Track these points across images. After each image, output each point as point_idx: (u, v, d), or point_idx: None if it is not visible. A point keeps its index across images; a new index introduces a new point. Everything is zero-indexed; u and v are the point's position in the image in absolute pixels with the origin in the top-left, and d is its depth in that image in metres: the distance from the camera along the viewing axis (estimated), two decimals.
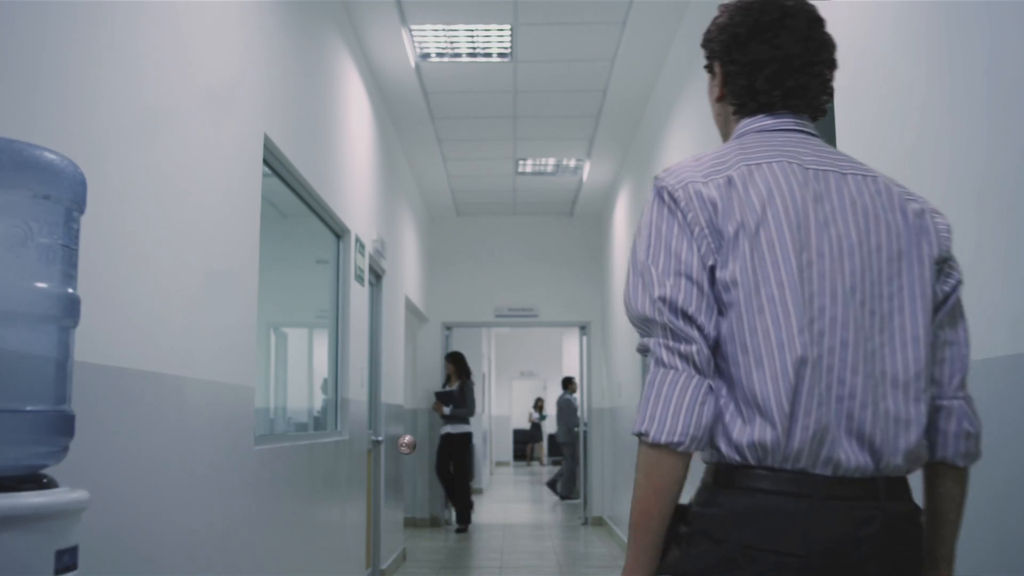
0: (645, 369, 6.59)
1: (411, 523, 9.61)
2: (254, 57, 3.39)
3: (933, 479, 1.46)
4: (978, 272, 1.96)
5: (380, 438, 6.49)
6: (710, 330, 1.35)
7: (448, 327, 10.27)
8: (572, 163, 8.20)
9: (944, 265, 1.45)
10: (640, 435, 1.32)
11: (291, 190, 4.13)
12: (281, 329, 6.22)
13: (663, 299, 1.34)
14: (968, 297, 1.50)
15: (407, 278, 8.11)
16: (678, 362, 1.33)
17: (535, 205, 9.69)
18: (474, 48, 5.71)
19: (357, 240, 5.42)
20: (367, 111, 5.88)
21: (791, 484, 1.30)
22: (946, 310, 1.45)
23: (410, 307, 8.53)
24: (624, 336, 8.08)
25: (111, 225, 2.19)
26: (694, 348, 1.33)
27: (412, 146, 7.62)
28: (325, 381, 5.30)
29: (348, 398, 5.13)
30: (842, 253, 1.36)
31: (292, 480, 3.86)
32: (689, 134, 5.29)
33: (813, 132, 1.50)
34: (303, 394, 5.89)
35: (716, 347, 1.36)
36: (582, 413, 10.45)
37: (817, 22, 1.50)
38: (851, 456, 1.31)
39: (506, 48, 5.70)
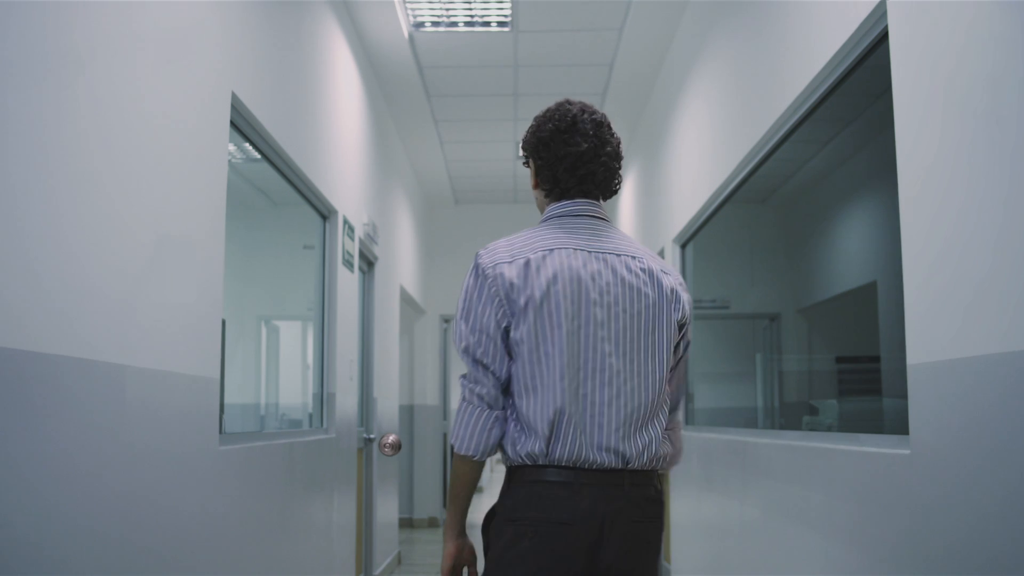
0: None
1: (407, 524, 9.23)
2: (222, 6, 2.98)
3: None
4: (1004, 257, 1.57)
5: (372, 436, 6.09)
6: (501, 373, 1.89)
7: (447, 320, 9.87)
8: None
9: (683, 328, 2.01)
10: (453, 447, 1.92)
11: (265, 159, 3.72)
12: (272, 322, 5.86)
13: (466, 349, 1.89)
14: (992, 287, 1.54)
15: (402, 267, 7.70)
16: (475, 399, 1.89)
17: None
18: (472, 16, 5.30)
19: (345, 222, 5.02)
20: (356, 84, 5.47)
21: (557, 476, 1.85)
22: (678, 358, 2.04)
23: (406, 298, 8.12)
24: None
25: (27, 177, 1.79)
26: (484, 389, 1.88)
27: (407, 127, 7.20)
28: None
29: (335, 393, 4.73)
30: (609, 319, 1.89)
31: (267, 483, 3.46)
32: (703, 107, 4.88)
33: (602, 216, 2.01)
34: (297, 390, 5.51)
35: (509, 383, 1.91)
36: None
37: (599, 125, 2.00)
38: (603, 459, 1.86)
39: (506, 16, 5.29)
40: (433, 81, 6.24)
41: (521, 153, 2.12)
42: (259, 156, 3.66)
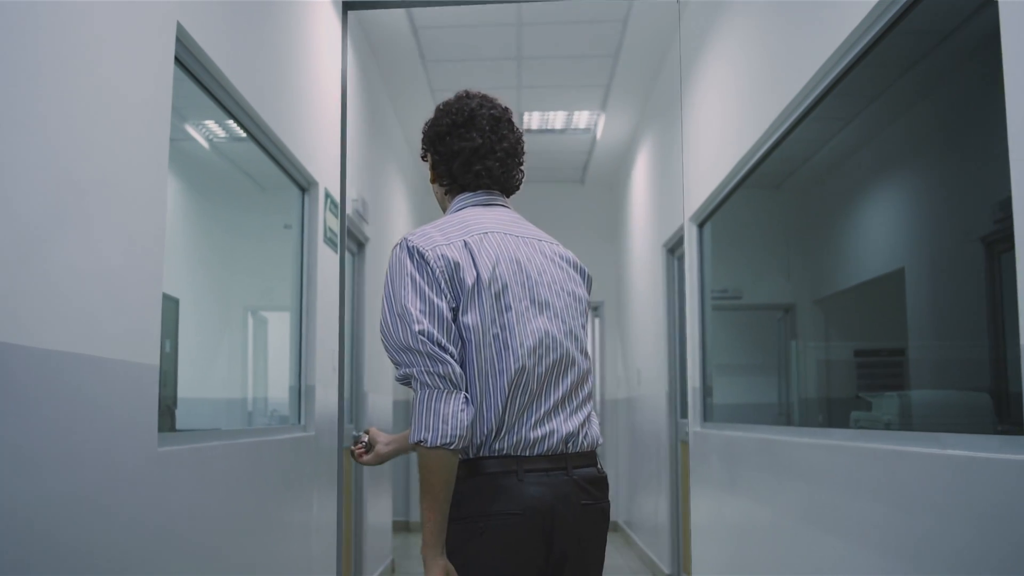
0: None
1: (403, 527, 8.73)
2: None
3: None
4: None
5: (362, 434, 5.58)
6: (457, 355, 1.81)
7: None
8: (584, 119, 7.24)
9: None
10: (420, 442, 1.76)
11: (224, 110, 3.17)
12: (260, 313, 5.40)
13: (423, 332, 1.78)
14: None
15: None
16: (439, 382, 1.76)
17: (542, 171, 8.71)
18: None
19: (328, 196, 4.49)
20: (341, 43, 4.94)
21: (500, 467, 1.81)
22: None
23: None
24: (644, 317, 7.16)
25: None
26: (449, 369, 1.77)
27: (402, 98, 6.67)
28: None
29: (314, 386, 4.21)
30: (552, 299, 1.93)
31: (226, 488, 2.95)
32: (727, 69, 4.35)
33: (507, 206, 2.05)
34: (286, 385, 5.05)
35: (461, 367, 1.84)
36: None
37: (497, 120, 2.01)
38: (546, 446, 1.84)
39: None
40: (429, 44, 5.72)
41: (422, 146, 2.09)
42: (246, 136, 3.14)
